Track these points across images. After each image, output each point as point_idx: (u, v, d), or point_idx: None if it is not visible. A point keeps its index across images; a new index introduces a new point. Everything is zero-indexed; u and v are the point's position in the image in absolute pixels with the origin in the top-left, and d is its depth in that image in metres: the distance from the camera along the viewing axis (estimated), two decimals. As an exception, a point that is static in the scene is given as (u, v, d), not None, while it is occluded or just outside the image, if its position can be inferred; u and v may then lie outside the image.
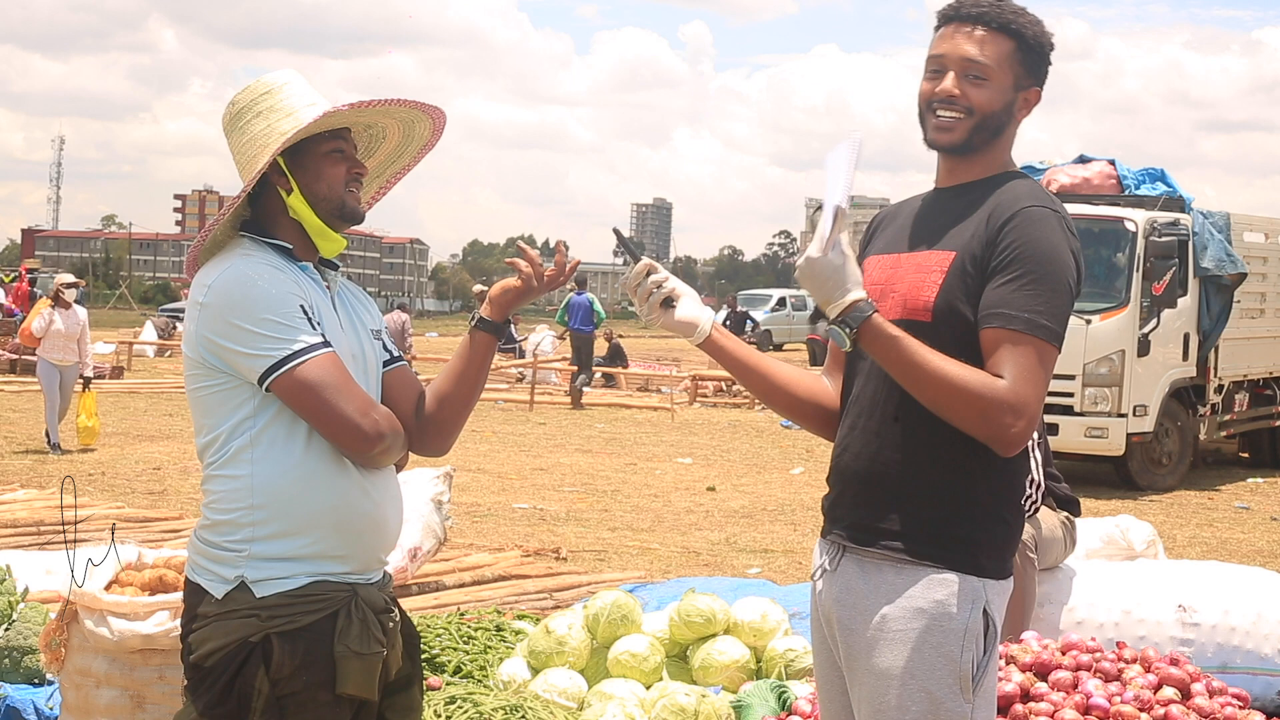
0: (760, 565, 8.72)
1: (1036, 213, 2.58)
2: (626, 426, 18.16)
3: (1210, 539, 10.43)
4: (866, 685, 2.64)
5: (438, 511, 7.04)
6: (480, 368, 2.84)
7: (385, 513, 2.75)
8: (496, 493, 11.67)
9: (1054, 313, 2.55)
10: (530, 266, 2.82)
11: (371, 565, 2.75)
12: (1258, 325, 14.79)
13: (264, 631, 2.60)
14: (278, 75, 2.81)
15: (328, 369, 2.60)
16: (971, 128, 2.65)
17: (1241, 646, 5.03)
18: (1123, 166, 13.92)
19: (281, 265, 2.70)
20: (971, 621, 2.59)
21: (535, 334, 31.22)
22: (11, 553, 6.09)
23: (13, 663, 4.78)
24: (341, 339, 2.72)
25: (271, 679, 2.59)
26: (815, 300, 2.62)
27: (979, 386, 2.50)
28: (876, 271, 2.74)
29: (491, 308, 2.84)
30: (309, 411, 2.60)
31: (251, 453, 2.63)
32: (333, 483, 2.65)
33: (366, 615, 2.67)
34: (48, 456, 13.04)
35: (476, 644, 5.32)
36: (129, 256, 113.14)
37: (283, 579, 2.63)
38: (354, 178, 2.77)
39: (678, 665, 5.11)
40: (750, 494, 12.15)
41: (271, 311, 2.60)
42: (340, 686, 2.61)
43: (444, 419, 2.84)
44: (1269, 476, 14.46)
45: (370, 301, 2.93)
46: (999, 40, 2.64)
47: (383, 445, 2.66)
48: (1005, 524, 2.66)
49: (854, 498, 2.72)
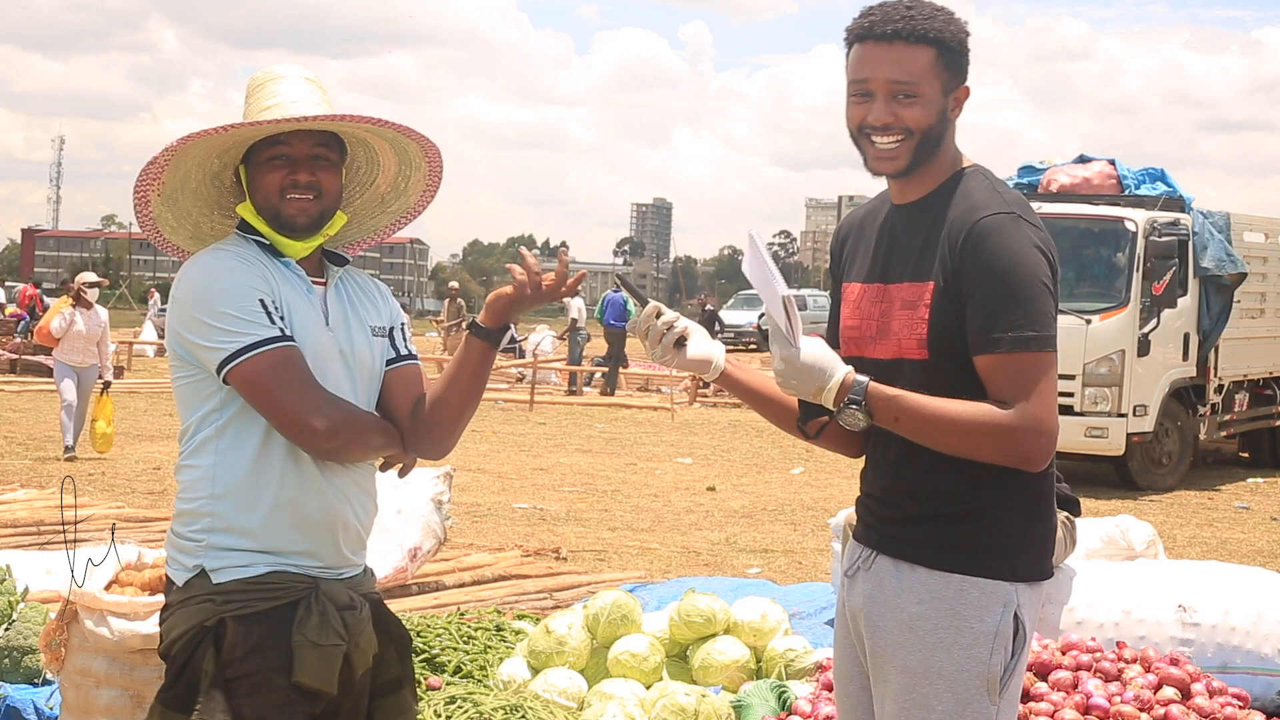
0: (760, 565, 8.72)
1: (989, 224, 2.54)
2: (626, 426, 18.16)
3: (1210, 539, 10.43)
4: (893, 683, 2.64)
5: (438, 511, 7.04)
6: (475, 373, 2.81)
7: (344, 511, 2.73)
8: (496, 493, 11.66)
9: (1035, 319, 2.51)
10: (526, 274, 2.77)
11: (335, 561, 2.73)
12: (1258, 325, 14.79)
13: (219, 616, 2.62)
14: (275, 69, 2.82)
15: (281, 362, 2.61)
16: (913, 149, 2.61)
17: (1241, 646, 5.03)
18: (1123, 166, 13.92)
19: (255, 259, 2.71)
20: (1002, 625, 2.59)
21: (535, 334, 31.23)
22: (11, 553, 6.09)
23: (13, 663, 4.78)
24: (322, 335, 2.72)
25: (224, 660, 2.60)
26: (805, 395, 2.60)
27: (987, 421, 2.51)
28: (864, 303, 2.73)
29: (488, 314, 2.81)
30: (260, 404, 2.62)
31: (216, 444, 2.67)
32: (285, 477, 2.66)
33: (327, 608, 2.66)
34: (48, 456, 13.02)
35: (476, 644, 5.32)
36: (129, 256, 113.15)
37: (241, 567, 2.64)
38: (291, 184, 2.72)
39: (678, 665, 5.11)
40: (750, 494, 12.15)
41: (229, 305, 2.62)
42: (296, 675, 2.61)
43: (439, 422, 2.82)
44: (1269, 476, 14.46)
45: (384, 298, 2.91)
46: (919, 52, 2.58)
47: (336, 440, 2.65)
48: (1040, 524, 2.65)
49: (885, 507, 2.72)
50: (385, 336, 2.86)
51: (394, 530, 6.94)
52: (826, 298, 51.08)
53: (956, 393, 2.55)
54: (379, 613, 2.84)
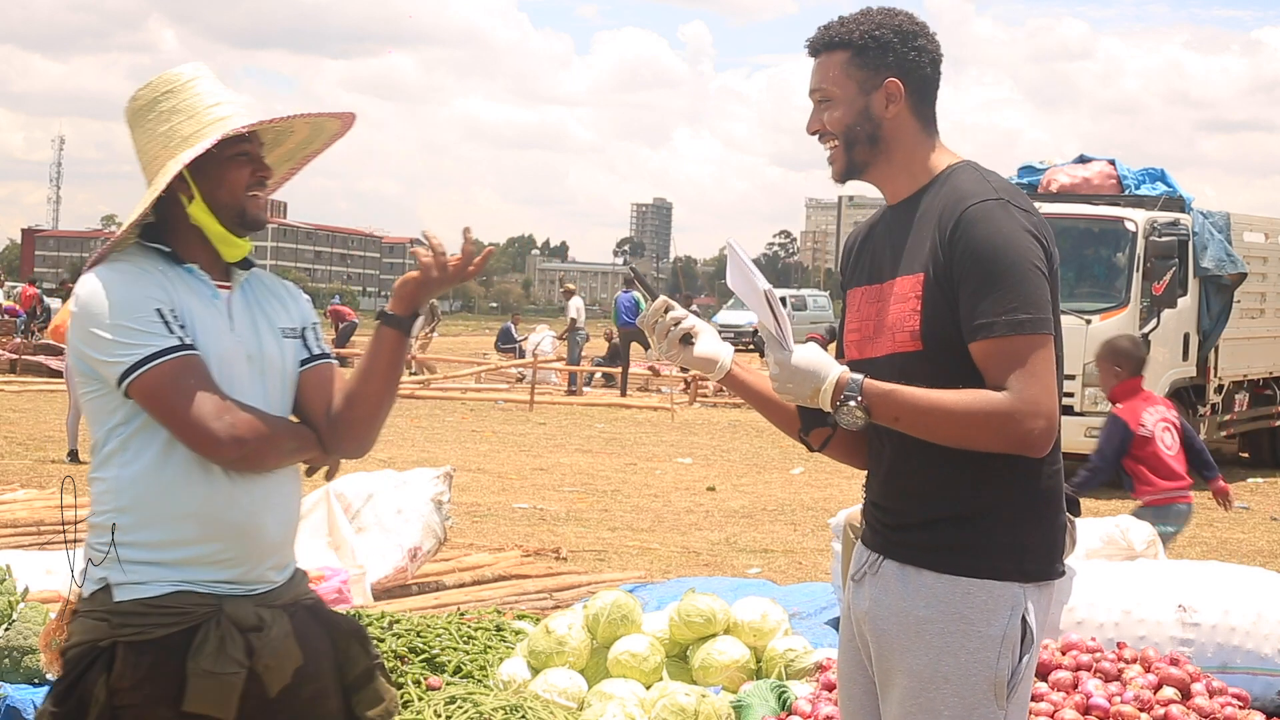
0: (760, 565, 8.73)
1: (976, 211, 2.55)
2: (626, 426, 18.16)
3: (1210, 539, 10.43)
4: (898, 687, 2.63)
5: (438, 511, 7.05)
6: (389, 364, 2.74)
7: (261, 520, 2.67)
8: (496, 493, 11.66)
9: (1029, 302, 2.51)
10: (431, 256, 2.70)
11: (248, 576, 2.67)
12: (1258, 325, 14.80)
13: (112, 638, 2.57)
14: (182, 70, 2.75)
15: (180, 372, 2.56)
16: (844, 150, 2.70)
17: (1241, 646, 5.03)
18: (1123, 166, 13.93)
19: (153, 269, 2.65)
20: (1009, 629, 2.58)
21: (535, 334, 31.24)
22: (11, 553, 6.09)
23: (13, 663, 4.78)
24: (226, 341, 2.67)
25: (111, 688, 2.55)
26: (801, 400, 2.61)
27: (984, 407, 2.50)
28: (863, 305, 2.74)
29: (396, 301, 2.74)
30: (161, 416, 2.57)
31: (121, 457, 2.62)
32: (194, 489, 2.60)
33: (228, 633, 2.59)
34: (48, 456, 13.02)
35: (476, 644, 5.31)
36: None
37: (143, 584, 2.59)
38: (257, 182, 2.72)
39: (678, 665, 5.11)
40: (750, 494, 12.15)
41: (124, 317, 2.57)
42: (188, 703, 2.55)
43: (355, 419, 2.75)
44: (1269, 476, 14.46)
45: (294, 298, 2.86)
46: (832, 58, 2.69)
47: (242, 450, 2.59)
48: (1047, 522, 2.65)
49: (888, 513, 2.71)
50: (297, 338, 2.80)
51: (394, 530, 6.94)
52: (826, 297, 51.22)
53: (952, 383, 2.54)
54: (318, 615, 2.78)
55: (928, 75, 2.70)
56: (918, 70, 2.68)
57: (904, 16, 2.69)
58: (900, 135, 2.68)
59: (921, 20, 2.71)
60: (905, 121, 2.68)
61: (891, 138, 2.68)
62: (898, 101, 2.66)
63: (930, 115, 2.72)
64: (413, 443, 15.04)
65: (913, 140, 2.69)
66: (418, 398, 20.90)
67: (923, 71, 2.69)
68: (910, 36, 2.67)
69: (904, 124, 2.68)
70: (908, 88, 2.67)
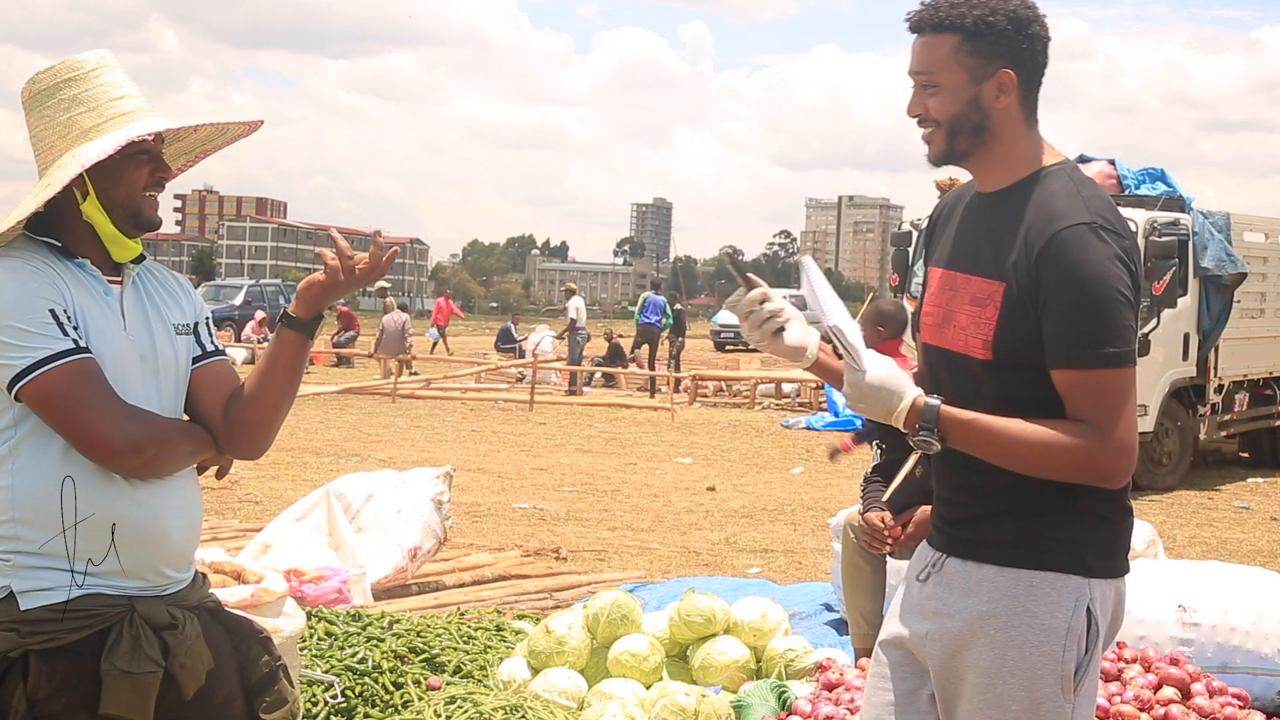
0: (760, 565, 8.72)
1: (1069, 235, 2.49)
2: (626, 426, 18.15)
3: (1210, 539, 10.42)
4: (966, 682, 2.60)
5: (438, 511, 7.05)
6: (290, 367, 2.67)
7: (165, 524, 2.59)
8: (496, 493, 11.66)
9: (1114, 334, 2.47)
10: (338, 259, 2.61)
11: (155, 580, 2.59)
12: (1258, 325, 14.78)
13: (23, 648, 2.47)
14: (87, 58, 2.63)
15: (75, 377, 2.46)
16: (945, 137, 2.61)
17: (1241, 646, 5.03)
18: (1123, 166, 13.91)
19: (46, 265, 2.54)
20: (1074, 621, 2.55)
21: (535, 334, 31.23)
22: None
23: None
24: (120, 340, 2.57)
25: (29, 699, 2.48)
26: (875, 417, 2.57)
27: (1064, 442, 2.47)
28: (939, 290, 2.70)
29: (299, 303, 2.65)
30: (55, 422, 2.47)
31: (12, 463, 2.50)
32: (93, 494, 2.52)
33: (141, 632, 2.52)
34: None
35: (476, 644, 5.32)
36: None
37: (48, 590, 2.49)
38: (155, 182, 2.62)
39: (678, 665, 5.11)
40: (750, 494, 12.14)
41: (15, 318, 2.45)
42: (104, 706, 2.48)
43: (251, 421, 2.67)
44: (1269, 476, 14.45)
45: (185, 292, 2.77)
46: (940, 41, 2.58)
47: (141, 458, 2.51)
48: (1110, 523, 2.61)
49: (953, 508, 2.70)
50: (190, 334, 2.72)
51: (394, 530, 6.94)
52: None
53: (1017, 396, 2.53)
54: (220, 618, 2.73)
55: (1039, 64, 2.61)
56: (1030, 60, 2.59)
57: (1017, 1, 2.57)
58: (1006, 127, 2.60)
59: (1033, 3, 2.61)
60: (1013, 113, 2.60)
61: (998, 129, 2.60)
62: (1009, 93, 2.58)
63: (1034, 105, 2.63)
64: (413, 443, 15.03)
65: (1016, 132, 2.61)
66: (418, 398, 20.89)
67: (1035, 61, 2.59)
68: (1025, 23, 2.57)
69: (1012, 116, 2.60)
70: (1020, 78, 2.58)
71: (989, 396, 2.56)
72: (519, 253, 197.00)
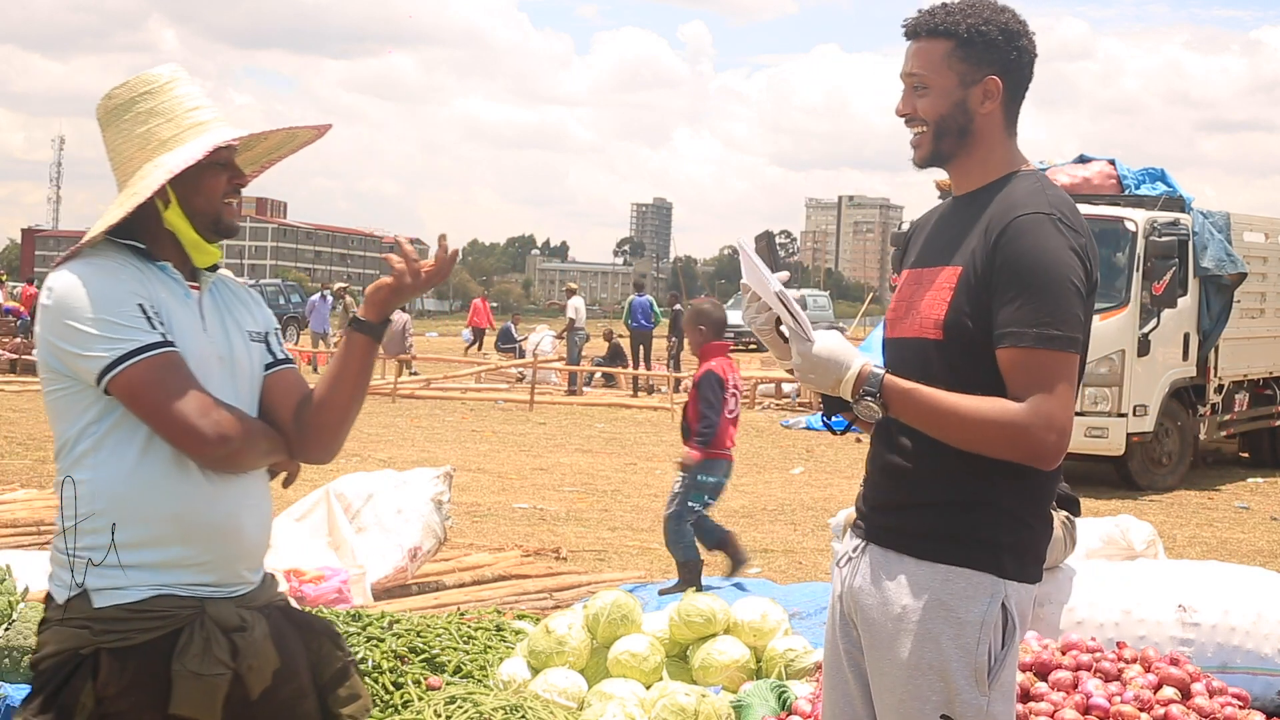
0: (760, 565, 8.72)
1: (1026, 221, 2.58)
2: (626, 426, 18.15)
3: (1210, 539, 10.43)
4: (888, 675, 2.67)
5: (438, 511, 7.05)
6: (359, 370, 2.72)
7: (240, 521, 2.64)
8: (496, 493, 11.66)
9: (1062, 319, 2.54)
10: (404, 263, 2.69)
11: (228, 577, 2.65)
12: (1258, 325, 14.78)
13: (95, 645, 2.53)
14: (161, 72, 2.73)
15: (164, 369, 2.53)
16: (932, 138, 2.72)
17: (1241, 646, 5.02)
18: (1123, 166, 13.92)
19: (130, 264, 2.63)
20: (989, 615, 2.61)
21: (535, 334, 31.24)
22: (11, 553, 6.08)
23: (13, 663, 4.78)
24: (201, 341, 2.65)
25: (98, 695, 2.52)
26: (823, 388, 2.65)
27: (999, 417, 2.53)
28: (904, 287, 2.79)
29: (368, 307, 2.72)
30: (144, 412, 2.53)
31: (94, 458, 2.57)
32: (174, 489, 2.57)
33: (211, 634, 2.57)
34: (47, 456, 13.01)
35: (476, 644, 5.31)
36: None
37: (122, 589, 2.55)
38: (233, 189, 2.70)
39: (678, 665, 5.11)
40: (750, 494, 12.14)
41: (106, 311, 2.53)
42: (174, 706, 2.53)
43: (324, 424, 2.73)
44: (1269, 476, 14.45)
45: (254, 302, 2.86)
46: (934, 45, 2.70)
47: (227, 448, 2.56)
48: (1029, 529, 2.67)
49: (882, 497, 2.75)
50: (262, 342, 2.79)
51: (394, 530, 6.94)
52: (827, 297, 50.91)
53: (966, 378, 2.58)
54: (291, 617, 2.77)
55: (1025, 76, 2.74)
56: (1017, 70, 2.72)
57: (1010, 14, 2.72)
58: (988, 132, 2.72)
59: (1023, 19, 2.74)
60: (996, 119, 2.72)
61: (980, 133, 2.72)
62: (994, 99, 2.70)
63: (1016, 116, 2.77)
64: (413, 443, 15.03)
65: (996, 138, 2.73)
66: (418, 398, 20.89)
67: (1021, 72, 2.73)
68: (1015, 36, 2.70)
69: (994, 121, 2.72)
70: (1006, 86, 2.70)
71: (941, 379, 2.61)
72: (519, 253, 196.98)
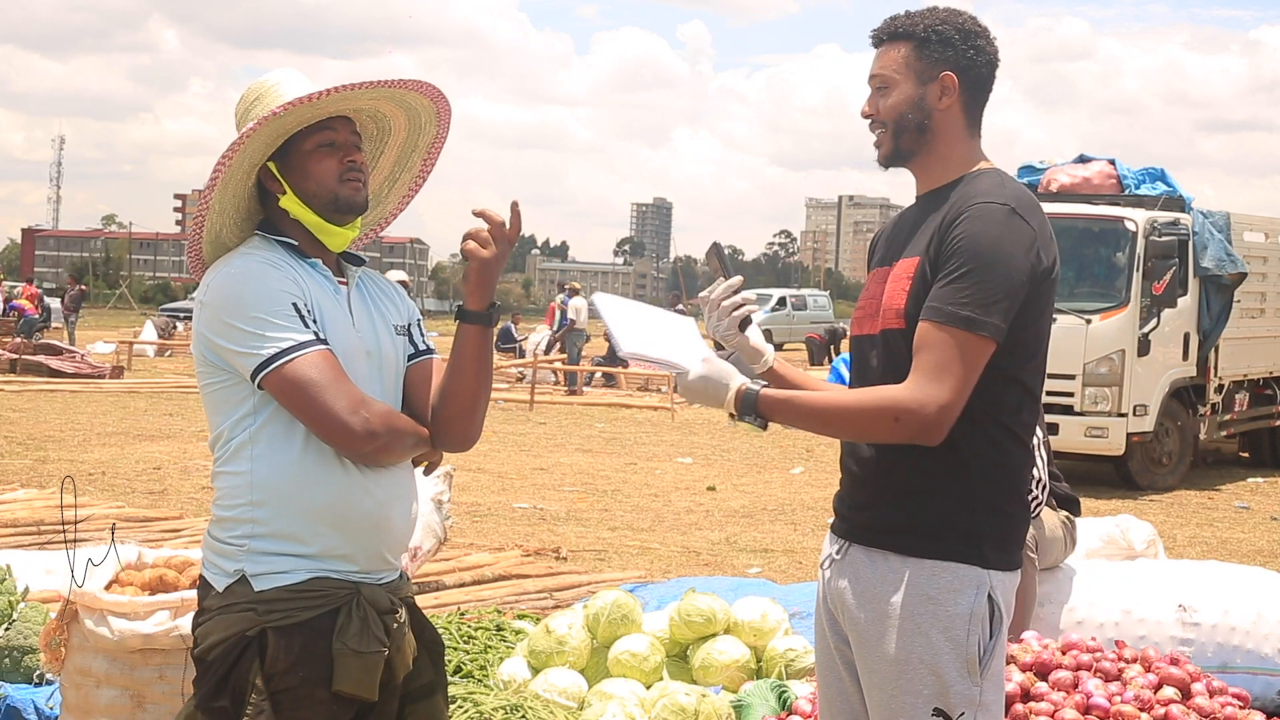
0: (760, 565, 8.72)
1: (981, 209, 2.62)
2: (626, 426, 18.15)
3: (1210, 539, 10.42)
4: (878, 672, 2.69)
5: (438, 511, 7.04)
6: (475, 358, 2.76)
7: (389, 512, 2.71)
8: (496, 493, 11.66)
9: (981, 302, 2.56)
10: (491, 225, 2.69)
11: (377, 565, 2.71)
12: (1258, 325, 14.78)
13: (260, 626, 2.58)
14: (268, 76, 2.80)
15: (317, 366, 2.58)
16: (891, 136, 2.78)
17: (1241, 646, 5.03)
18: (1123, 166, 13.91)
19: (284, 262, 2.68)
20: (976, 606, 2.64)
21: (535, 334, 31.23)
22: (11, 553, 6.08)
23: (13, 662, 4.78)
24: (350, 336, 2.71)
25: (266, 674, 2.57)
26: (712, 407, 2.75)
27: (875, 402, 2.60)
28: (871, 285, 2.83)
29: (468, 294, 2.75)
30: (297, 409, 2.59)
31: (251, 449, 2.63)
32: (330, 480, 2.63)
33: (368, 614, 2.63)
34: (48, 456, 13.02)
35: (476, 644, 5.32)
36: (129, 256, 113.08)
37: (282, 573, 2.61)
38: (348, 167, 2.73)
39: (678, 665, 5.11)
40: (750, 494, 12.14)
41: (262, 309, 2.59)
42: (337, 684, 2.59)
43: (453, 414, 2.78)
44: (1269, 476, 14.45)
45: (400, 296, 2.90)
46: (894, 48, 2.78)
47: (375, 444, 2.62)
48: (1006, 515, 2.69)
49: (858, 495, 2.78)
50: (405, 335, 2.85)
51: (394, 530, 6.94)
52: (826, 297, 50.82)
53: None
54: (414, 617, 2.83)
55: (983, 75, 2.78)
56: (974, 69, 2.77)
57: (967, 17, 2.79)
58: (946, 128, 2.76)
59: (984, 24, 2.80)
60: (954, 116, 2.76)
61: (939, 129, 2.76)
62: (951, 95, 2.75)
63: (978, 116, 2.80)
64: (413, 443, 15.01)
65: (955, 136, 2.77)
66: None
67: (978, 71, 2.77)
68: (971, 36, 2.76)
69: (952, 119, 2.76)
70: (962, 84, 2.75)
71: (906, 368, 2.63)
72: (519, 253, 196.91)
